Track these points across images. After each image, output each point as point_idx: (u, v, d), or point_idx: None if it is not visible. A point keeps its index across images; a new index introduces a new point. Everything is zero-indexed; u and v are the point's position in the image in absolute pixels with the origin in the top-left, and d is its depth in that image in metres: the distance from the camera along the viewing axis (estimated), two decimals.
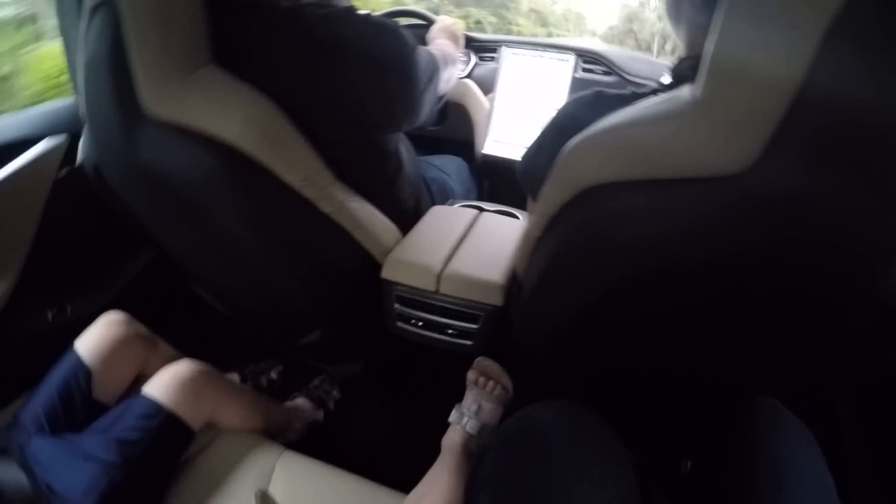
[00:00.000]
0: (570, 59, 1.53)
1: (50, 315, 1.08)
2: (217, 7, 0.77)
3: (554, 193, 0.64)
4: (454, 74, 1.19)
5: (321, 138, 0.84)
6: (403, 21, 1.66)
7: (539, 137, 0.76)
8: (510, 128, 1.56)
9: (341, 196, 0.90)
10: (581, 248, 0.62)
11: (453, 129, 1.58)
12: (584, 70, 1.59)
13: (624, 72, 1.56)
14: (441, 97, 1.05)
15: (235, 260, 0.93)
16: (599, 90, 0.69)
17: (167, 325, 1.08)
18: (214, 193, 0.80)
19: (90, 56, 0.79)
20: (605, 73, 1.58)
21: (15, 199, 0.98)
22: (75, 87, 1.06)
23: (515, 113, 1.56)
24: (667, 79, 0.68)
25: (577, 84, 1.53)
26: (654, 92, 0.64)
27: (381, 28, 0.83)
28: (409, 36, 0.87)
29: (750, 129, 0.44)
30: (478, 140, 1.59)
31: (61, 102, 1.11)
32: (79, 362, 0.87)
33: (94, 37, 0.78)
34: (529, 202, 0.85)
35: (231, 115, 0.75)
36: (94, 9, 0.77)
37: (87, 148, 0.96)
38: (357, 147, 0.91)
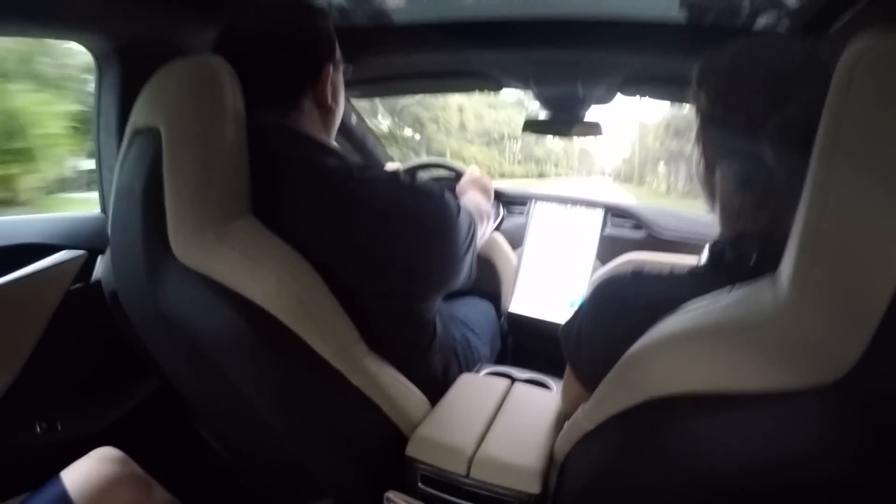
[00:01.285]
0: (599, 214, 1.54)
1: (39, 428, 0.99)
2: (261, 159, 0.75)
3: (617, 393, 0.57)
4: (488, 231, 1.17)
5: (360, 307, 0.79)
6: (432, 173, 1.71)
7: (580, 314, 0.70)
8: (538, 285, 1.53)
9: (374, 368, 0.83)
10: (647, 469, 0.53)
11: (480, 280, 1.54)
12: (614, 225, 1.58)
13: (653, 227, 1.55)
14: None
15: (247, 416, 0.85)
16: (637, 269, 0.65)
17: (165, 462, 0.98)
18: (236, 356, 0.74)
19: (123, 183, 0.76)
20: (635, 228, 1.57)
21: (22, 303, 0.93)
22: (102, 205, 1.06)
23: (543, 270, 1.53)
24: (704, 258, 0.64)
25: (605, 240, 1.53)
26: (693, 273, 0.61)
27: (428, 194, 0.81)
28: (452, 201, 0.85)
29: (850, 326, 0.37)
30: (504, 296, 1.55)
31: (85, 214, 1.10)
32: (64, 497, 0.77)
33: (130, 164, 0.75)
34: (568, 373, 0.77)
35: (266, 277, 0.70)
36: (135, 133, 0.75)
37: (106, 270, 0.93)
38: (396, 316, 0.86)
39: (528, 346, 1.55)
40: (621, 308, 0.60)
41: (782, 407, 0.41)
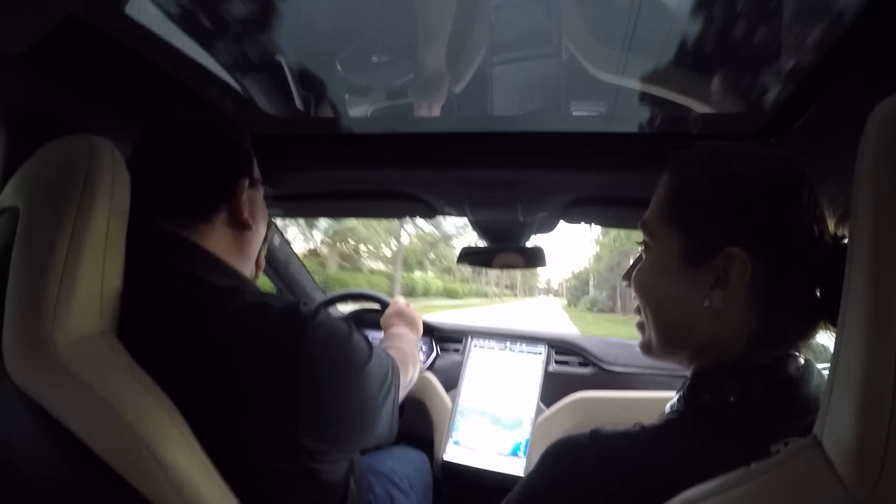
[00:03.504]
0: (542, 350, 1.46)
1: None
2: (143, 271, 0.64)
3: None
4: (415, 377, 1.05)
5: (239, 466, 0.63)
6: (353, 306, 1.62)
7: (525, 486, 0.57)
8: (476, 430, 1.38)
9: None
10: None
11: (410, 424, 1.37)
12: (558, 362, 1.50)
13: (601, 361, 1.48)
14: (401, 408, 0.87)
15: None
16: (595, 429, 0.53)
17: None
18: None
19: None
20: (581, 364, 1.49)
21: None
22: None
23: (482, 413, 1.41)
24: (675, 401, 0.55)
25: (549, 378, 1.44)
26: (669, 424, 0.52)
27: (331, 330, 0.68)
28: (362, 342, 0.74)
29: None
30: (437, 443, 1.39)
31: None
32: None
33: None
34: None
35: (111, 417, 0.54)
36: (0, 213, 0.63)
37: None
38: (288, 479, 0.68)
39: (466, 500, 1.37)
40: (581, 477, 0.50)
41: None
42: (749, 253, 0.49)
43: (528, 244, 1.30)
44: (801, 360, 0.49)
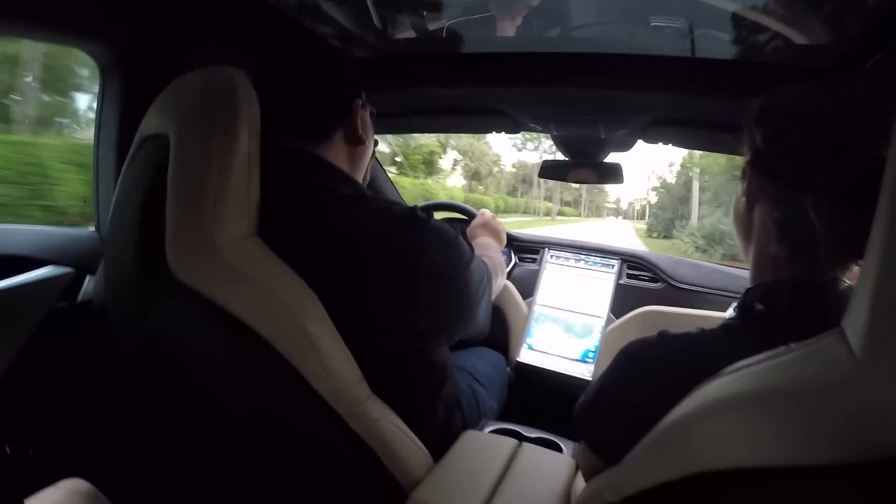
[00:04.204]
0: (615, 264, 1.49)
1: (7, 450, 0.90)
2: (277, 182, 0.73)
3: (654, 465, 0.50)
4: (502, 283, 1.13)
5: (365, 345, 0.74)
6: (444, 214, 1.67)
7: (600, 383, 0.65)
8: (548, 336, 1.47)
9: (376, 414, 0.76)
10: None
11: (490, 328, 1.48)
12: (629, 276, 1.53)
13: (670, 278, 1.50)
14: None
15: (234, 454, 0.79)
16: (663, 331, 0.60)
17: (139, 502, 0.92)
18: (228, 384, 0.69)
19: (123, 192, 0.71)
20: (651, 280, 1.52)
21: (1, 317, 0.85)
22: (98, 223, 1.01)
23: (555, 320, 1.48)
24: (731, 310, 0.60)
25: (620, 290, 1.48)
26: (727, 329, 0.57)
27: (442, 234, 0.78)
28: (466, 246, 0.83)
29: None
30: (513, 346, 1.49)
31: (77, 231, 1.03)
32: None
33: (133, 172, 0.71)
34: (584, 446, 0.69)
35: (267, 302, 0.65)
36: (143, 141, 0.71)
37: (97, 289, 0.86)
38: (403, 359, 0.81)
39: (537, 398, 1.48)
40: (649, 372, 0.57)
41: (865, 482, 0.35)
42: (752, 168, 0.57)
43: (606, 160, 1.31)
44: (847, 283, 0.53)
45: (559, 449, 1.01)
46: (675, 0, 0.93)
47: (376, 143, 0.96)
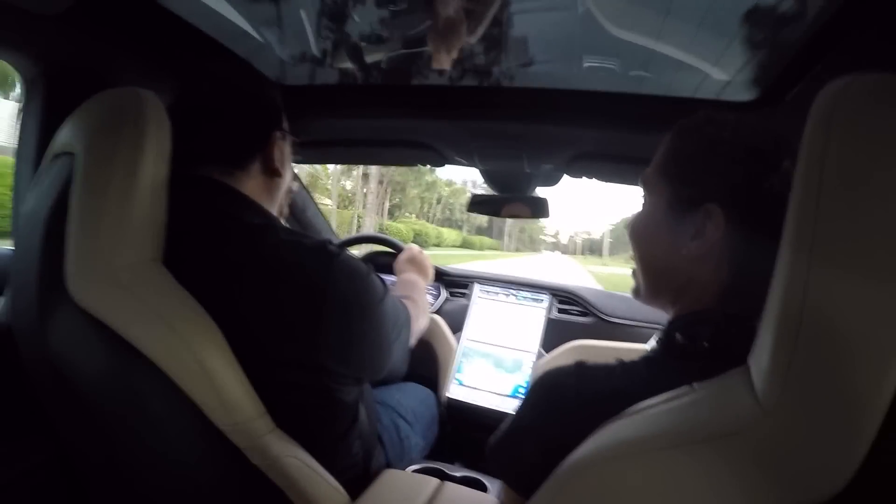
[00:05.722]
0: (545, 299, 1.50)
1: None
2: (185, 209, 0.71)
3: None
4: (424, 324, 1.13)
5: (269, 378, 0.72)
6: (368, 249, 1.66)
7: (516, 416, 0.63)
8: (479, 371, 1.45)
9: (278, 449, 0.73)
10: None
11: (418, 364, 1.44)
12: (560, 311, 1.55)
13: (601, 312, 1.52)
14: (410, 351, 0.96)
15: (145, 494, 0.74)
16: (580, 361, 0.59)
17: None
18: (127, 414, 0.66)
19: (29, 209, 0.70)
20: (581, 314, 1.54)
21: None
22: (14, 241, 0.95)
23: (485, 355, 1.47)
24: (653, 341, 0.60)
25: (551, 325, 1.48)
26: (647, 361, 0.56)
27: (353, 269, 0.76)
28: (378, 284, 0.81)
29: (845, 434, 0.31)
30: (442, 382, 1.46)
31: None
32: None
33: (40, 189, 0.70)
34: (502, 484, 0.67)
35: (163, 330, 0.63)
36: (52, 159, 0.70)
37: (4, 309, 0.81)
38: (309, 394, 0.78)
39: (468, 436, 1.44)
40: (561, 404, 0.55)
41: None
42: (725, 210, 0.53)
43: (534, 195, 1.33)
44: None
45: (484, 488, 0.98)
46: (606, 41, 0.96)
47: (296, 175, 0.94)
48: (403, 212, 45.98)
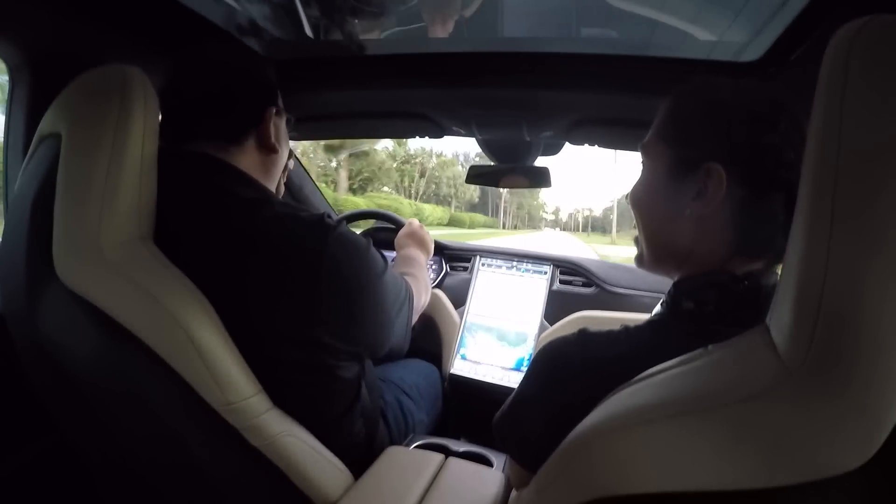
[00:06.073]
0: (547, 270, 1.49)
1: None
2: (177, 186, 0.70)
3: (558, 486, 0.47)
4: (426, 301, 1.12)
5: (265, 356, 0.71)
6: (369, 224, 1.64)
7: (520, 388, 0.63)
8: (482, 345, 1.44)
9: (276, 427, 0.72)
10: None
11: (420, 339, 1.44)
12: (562, 282, 1.53)
13: (604, 283, 1.50)
14: (412, 326, 0.95)
15: (141, 477, 0.75)
16: (583, 329, 0.58)
17: None
18: (118, 398, 0.66)
19: (18, 192, 0.70)
20: (585, 285, 1.52)
21: None
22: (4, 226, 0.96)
23: (488, 329, 1.46)
24: (658, 307, 0.59)
25: (553, 296, 1.47)
26: (652, 325, 0.55)
27: (351, 243, 0.75)
28: (378, 258, 0.80)
29: (877, 400, 0.29)
30: (445, 357, 1.46)
31: None
32: None
33: (28, 172, 0.69)
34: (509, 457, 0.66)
35: (154, 309, 0.62)
36: (39, 141, 0.70)
37: None
38: (307, 371, 0.76)
39: (472, 411, 1.43)
40: (565, 372, 0.55)
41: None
42: (726, 169, 0.51)
43: (534, 164, 1.31)
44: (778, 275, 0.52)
45: (489, 463, 0.97)
46: (603, 8, 0.94)
47: (292, 152, 0.92)
48: (378, 185, 44.72)
